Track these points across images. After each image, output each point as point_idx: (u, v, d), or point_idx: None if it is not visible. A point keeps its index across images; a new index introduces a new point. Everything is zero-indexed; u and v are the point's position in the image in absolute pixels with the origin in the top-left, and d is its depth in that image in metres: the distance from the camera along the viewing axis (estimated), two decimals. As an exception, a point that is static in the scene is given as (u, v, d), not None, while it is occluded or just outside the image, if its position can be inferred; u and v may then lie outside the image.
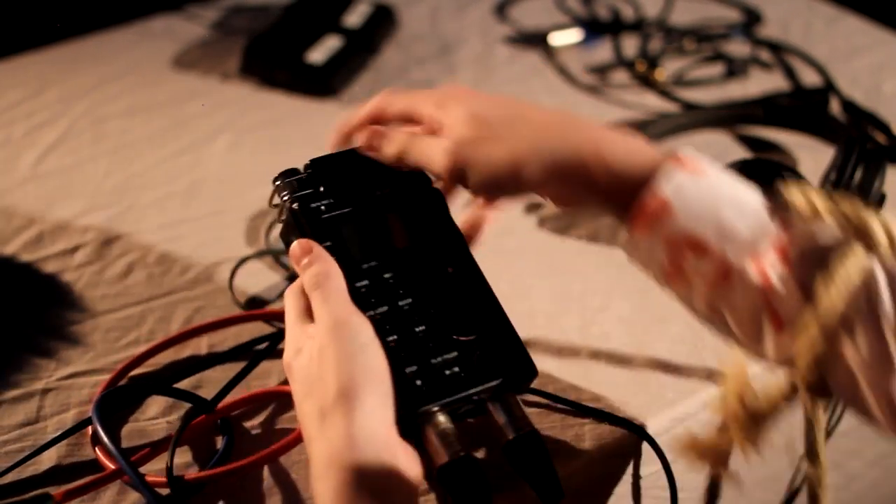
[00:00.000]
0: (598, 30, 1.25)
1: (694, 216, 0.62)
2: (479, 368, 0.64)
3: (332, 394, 0.58)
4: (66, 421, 0.74)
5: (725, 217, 0.62)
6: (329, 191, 0.68)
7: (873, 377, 0.58)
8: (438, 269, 0.67)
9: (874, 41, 1.25)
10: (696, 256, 0.62)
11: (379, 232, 0.67)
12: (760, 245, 0.61)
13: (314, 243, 0.65)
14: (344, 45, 1.17)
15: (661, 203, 0.62)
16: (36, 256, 0.90)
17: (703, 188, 0.63)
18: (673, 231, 0.62)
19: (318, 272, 0.63)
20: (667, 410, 0.76)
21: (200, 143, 1.06)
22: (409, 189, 0.69)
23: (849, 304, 0.58)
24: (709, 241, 0.62)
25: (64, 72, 1.17)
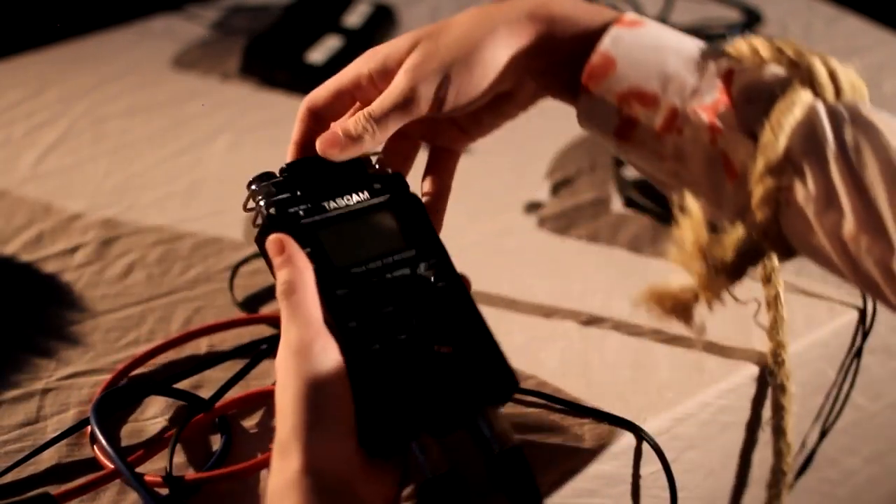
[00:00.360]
0: (598, 30, 1.25)
1: (637, 66, 0.62)
2: (461, 382, 0.62)
3: (287, 429, 0.57)
4: (66, 421, 0.74)
5: (669, 63, 0.62)
6: (306, 195, 0.66)
7: (823, 218, 0.57)
8: (418, 277, 0.65)
9: (874, 41, 1.25)
10: (645, 107, 0.62)
11: (358, 238, 0.65)
12: (706, 89, 0.61)
13: (288, 241, 0.63)
14: (344, 45, 1.17)
15: (603, 58, 0.63)
16: (36, 256, 0.90)
17: (644, 38, 0.63)
18: (619, 85, 0.63)
19: (287, 279, 0.61)
20: (667, 410, 0.76)
21: (200, 143, 1.06)
22: (387, 193, 0.67)
23: (793, 142, 0.58)
24: (655, 90, 0.62)
25: (64, 72, 1.17)
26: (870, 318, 0.85)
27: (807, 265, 0.88)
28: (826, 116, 0.59)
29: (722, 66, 0.61)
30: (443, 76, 0.65)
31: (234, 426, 0.73)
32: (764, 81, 0.61)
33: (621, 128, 0.64)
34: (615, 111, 0.63)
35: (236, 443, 0.72)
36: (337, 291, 0.62)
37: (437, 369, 0.62)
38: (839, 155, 0.57)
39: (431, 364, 0.62)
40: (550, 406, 0.75)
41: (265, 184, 0.66)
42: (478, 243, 0.91)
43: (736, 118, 0.60)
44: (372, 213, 0.66)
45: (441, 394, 0.61)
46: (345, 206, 0.66)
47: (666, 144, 0.62)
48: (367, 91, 0.68)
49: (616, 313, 0.84)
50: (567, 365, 0.79)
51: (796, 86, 0.59)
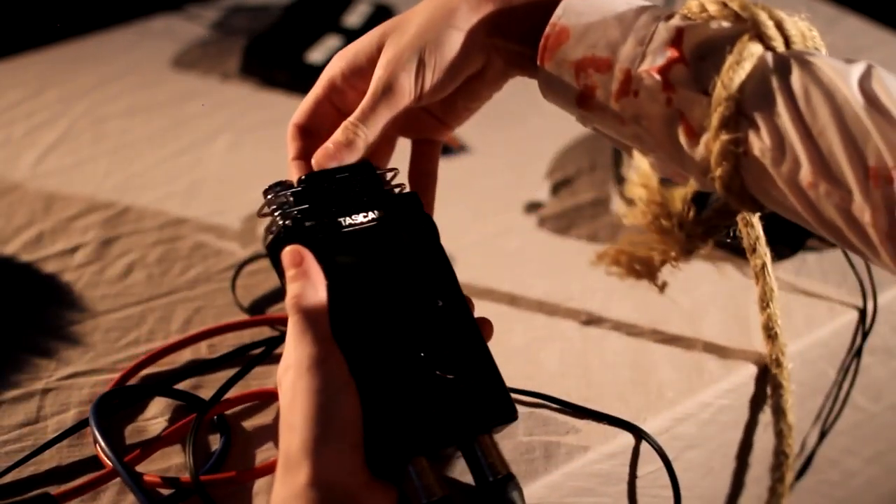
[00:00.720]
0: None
1: (588, 34, 0.63)
2: (461, 410, 0.63)
3: (296, 444, 0.58)
4: (66, 421, 0.74)
5: (619, 27, 0.62)
6: (323, 209, 0.66)
7: (780, 168, 0.58)
8: (427, 301, 0.65)
9: (874, 41, 1.25)
10: (600, 73, 0.63)
11: (371, 258, 0.65)
12: (658, 50, 0.61)
13: (307, 255, 0.63)
14: (344, 45, 1.16)
15: (556, 28, 0.64)
16: (36, 256, 0.90)
17: (595, 3, 0.64)
18: (574, 54, 0.63)
19: (300, 293, 0.61)
20: (667, 410, 0.76)
21: (200, 143, 1.06)
22: (401, 213, 0.67)
23: (744, 94, 0.58)
24: (607, 55, 0.62)
25: (64, 72, 1.17)
26: (870, 318, 0.85)
27: (806, 265, 0.89)
28: (774, 66, 0.59)
29: (672, 25, 0.62)
30: (417, 62, 0.66)
31: (232, 425, 0.73)
32: (713, 37, 0.61)
33: (581, 96, 0.64)
34: (573, 80, 0.64)
35: (235, 442, 0.72)
36: (347, 310, 0.63)
37: (439, 394, 0.63)
38: (788, 103, 0.57)
39: (434, 389, 0.63)
40: (550, 406, 0.75)
41: (283, 193, 0.66)
42: (478, 243, 0.91)
43: (689, 76, 0.60)
44: (385, 232, 0.66)
45: (441, 418, 0.62)
46: (359, 223, 0.66)
47: (625, 108, 0.63)
48: (343, 93, 0.69)
49: (616, 313, 0.84)
50: (567, 365, 0.79)
51: (745, 39, 0.60)
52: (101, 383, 0.77)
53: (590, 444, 0.72)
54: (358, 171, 0.68)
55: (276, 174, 0.67)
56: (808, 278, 0.87)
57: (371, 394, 0.60)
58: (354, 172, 0.68)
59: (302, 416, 0.58)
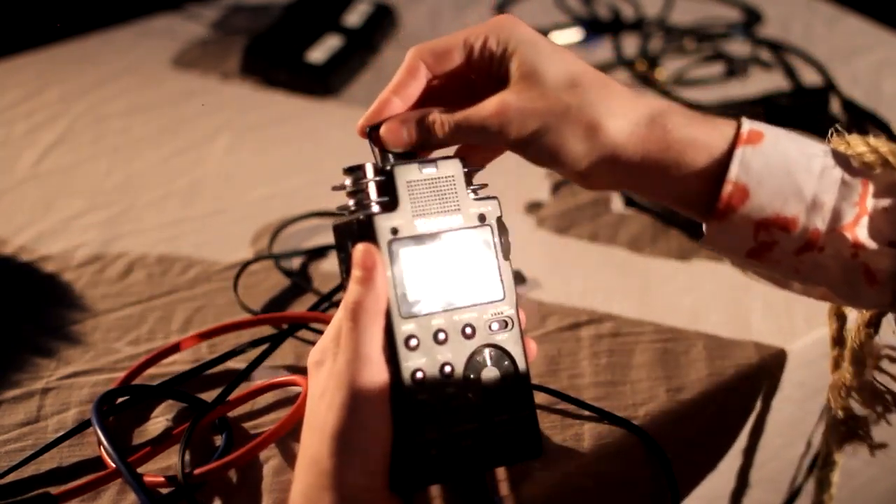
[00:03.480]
0: (598, 29, 1.25)
1: (773, 193, 0.62)
2: (490, 441, 0.61)
3: (326, 449, 0.58)
4: (67, 420, 0.74)
5: (804, 185, 0.61)
6: (402, 206, 0.61)
7: None
8: (484, 323, 0.62)
9: (874, 41, 1.25)
10: (785, 231, 0.62)
11: (439, 270, 0.62)
12: (846, 207, 0.61)
13: (378, 261, 0.60)
14: (344, 45, 1.17)
15: (735, 187, 0.61)
16: (36, 256, 0.90)
17: (772, 157, 0.62)
18: (757, 213, 0.62)
19: (360, 300, 0.59)
20: (665, 410, 0.76)
21: (200, 143, 1.06)
22: (480, 223, 0.63)
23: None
24: (795, 214, 0.61)
25: (64, 72, 1.17)
26: (870, 318, 0.85)
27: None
28: None
29: (855, 175, 0.62)
30: (540, 126, 0.62)
31: (233, 425, 0.73)
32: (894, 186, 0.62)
33: (756, 250, 0.63)
34: (751, 236, 0.63)
35: (237, 442, 0.72)
36: (404, 327, 0.60)
37: (476, 429, 0.61)
38: None
39: (472, 422, 0.61)
40: (551, 406, 0.75)
41: (366, 180, 0.61)
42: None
43: (877, 230, 0.61)
44: (461, 243, 0.63)
45: (473, 450, 0.61)
46: (437, 229, 0.62)
47: (804, 261, 0.63)
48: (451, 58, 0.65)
49: (616, 313, 0.84)
50: (566, 364, 0.79)
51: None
52: (101, 383, 0.77)
53: (591, 444, 0.72)
54: (446, 167, 0.63)
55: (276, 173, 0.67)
56: (809, 278, 0.87)
57: (407, 413, 0.59)
58: (442, 168, 0.63)
59: (334, 429, 0.58)
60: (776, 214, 0.62)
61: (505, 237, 0.64)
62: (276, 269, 0.88)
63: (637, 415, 0.75)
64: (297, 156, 1.05)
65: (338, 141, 1.06)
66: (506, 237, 0.64)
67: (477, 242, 0.63)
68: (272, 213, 0.94)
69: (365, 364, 0.58)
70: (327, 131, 1.08)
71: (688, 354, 0.80)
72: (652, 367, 0.79)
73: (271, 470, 0.70)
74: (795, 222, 0.62)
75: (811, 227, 0.61)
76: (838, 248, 0.62)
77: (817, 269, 0.63)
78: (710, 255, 0.90)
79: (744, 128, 0.62)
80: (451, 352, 0.61)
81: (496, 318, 0.63)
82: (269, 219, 0.93)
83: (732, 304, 0.85)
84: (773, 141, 0.62)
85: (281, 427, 0.70)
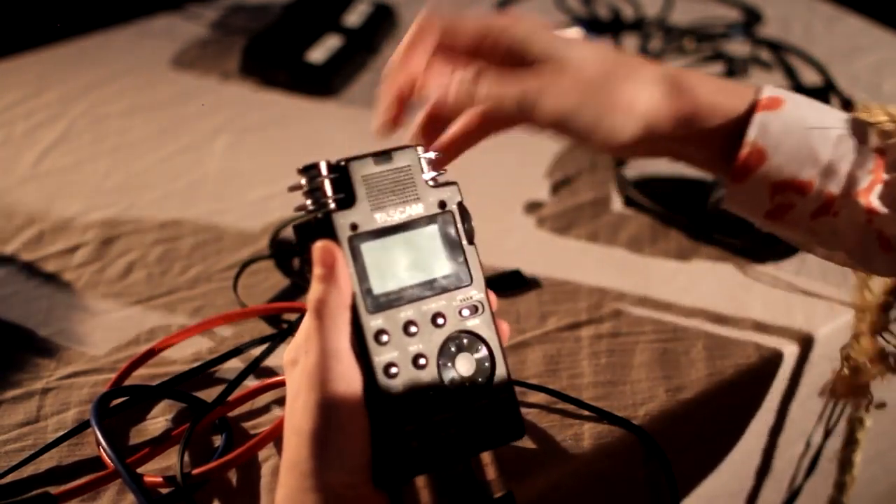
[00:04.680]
0: (598, 29, 1.25)
1: (790, 156, 0.63)
2: (471, 426, 0.61)
3: (305, 451, 0.58)
4: (67, 420, 0.74)
5: (821, 150, 0.63)
6: (360, 201, 0.61)
7: None
8: (453, 310, 0.62)
9: (874, 41, 1.25)
10: (800, 194, 0.63)
11: (402, 260, 0.61)
12: (862, 173, 0.62)
13: (338, 257, 0.59)
14: (344, 45, 1.17)
15: (753, 148, 0.63)
16: (36, 256, 0.90)
17: (790, 122, 0.63)
18: (773, 175, 0.64)
19: (323, 297, 0.59)
20: (666, 409, 0.76)
21: (200, 143, 1.06)
22: (439, 209, 0.63)
23: None
24: (811, 178, 0.63)
25: (64, 72, 1.17)
26: (870, 318, 0.85)
27: (806, 265, 0.89)
28: None
29: (872, 143, 0.63)
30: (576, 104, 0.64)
31: (233, 425, 0.73)
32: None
33: (773, 212, 0.65)
34: (768, 198, 0.64)
35: (236, 442, 0.72)
36: (372, 322, 0.60)
37: (451, 410, 0.61)
38: None
39: (451, 410, 0.61)
40: (550, 406, 0.75)
41: (321, 178, 0.61)
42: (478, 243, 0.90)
43: (891, 198, 0.62)
44: (419, 229, 0.62)
45: (452, 436, 0.61)
46: (397, 221, 0.61)
47: (821, 226, 0.64)
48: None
49: (616, 313, 0.84)
50: (566, 364, 0.79)
51: None
52: (101, 383, 0.77)
53: (591, 444, 0.72)
54: (401, 158, 0.62)
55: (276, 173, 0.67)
56: (808, 278, 0.87)
57: (384, 408, 0.59)
58: (397, 159, 0.62)
59: (310, 431, 0.57)
60: (792, 177, 0.63)
61: (468, 222, 0.64)
62: (275, 269, 0.88)
63: (637, 415, 0.75)
64: (297, 156, 1.04)
65: (338, 141, 1.06)
66: (469, 222, 0.64)
67: (439, 229, 0.63)
68: (272, 213, 0.94)
69: (334, 361, 0.58)
70: (327, 131, 1.08)
71: (688, 354, 0.80)
72: (652, 367, 0.79)
73: (270, 470, 0.70)
74: (811, 186, 0.63)
75: (825, 192, 0.63)
76: (852, 213, 0.63)
77: (834, 234, 0.64)
78: (711, 255, 0.90)
79: (764, 94, 0.64)
80: (422, 342, 0.61)
81: (465, 304, 0.63)
82: (269, 219, 0.93)
83: (732, 304, 0.85)
84: (793, 107, 0.64)
85: (279, 426, 0.70)
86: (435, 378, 0.61)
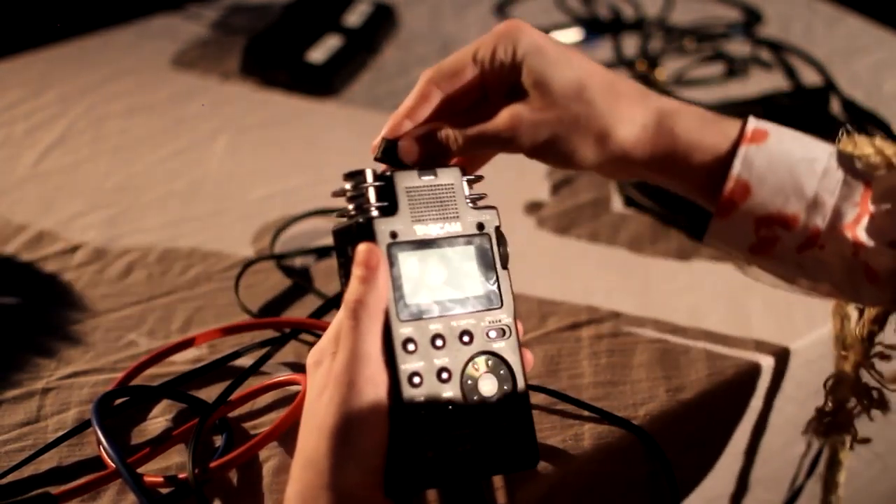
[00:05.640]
0: (598, 29, 1.25)
1: (774, 190, 0.63)
2: (487, 448, 0.61)
3: (323, 447, 0.58)
4: (67, 420, 0.74)
5: (806, 183, 0.63)
6: (402, 211, 0.62)
7: None
8: (481, 329, 0.62)
9: (874, 41, 1.25)
10: (786, 228, 0.63)
11: (438, 275, 0.62)
12: (847, 206, 0.62)
13: (381, 260, 0.60)
14: (344, 45, 1.17)
15: (737, 184, 0.63)
16: (36, 256, 0.90)
17: (774, 155, 0.63)
18: (758, 209, 0.63)
19: (362, 298, 0.59)
20: (666, 410, 0.76)
21: (200, 143, 1.06)
22: (479, 230, 0.64)
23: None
24: (796, 212, 0.63)
25: (64, 72, 1.17)
26: (870, 318, 0.85)
27: (807, 265, 0.88)
28: None
29: (858, 176, 0.63)
30: (551, 136, 0.65)
31: (234, 426, 0.73)
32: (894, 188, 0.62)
33: (758, 246, 0.65)
34: (752, 231, 0.64)
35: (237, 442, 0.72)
36: (402, 329, 0.60)
37: (469, 429, 0.61)
38: None
39: (469, 426, 0.61)
40: (550, 406, 0.75)
41: (366, 185, 0.62)
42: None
43: (878, 230, 0.62)
44: (456, 247, 0.63)
45: (466, 455, 0.61)
46: (435, 235, 0.62)
47: (806, 258, 0.64)
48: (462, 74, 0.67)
49: (616, 313, 0.84)
50: (566, 364, 0.79)
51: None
52: (101, 383, 0.77)
53: (591, 444, 0.72)
54: (445, 175, 0.64)
55: (276, 173, 0.67)
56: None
57: (404, 415, 0.59)
58: (441, 176, 0.64)
59: (330, 426, 0.58)
60: (777, 211, 0.63)
61: (503, 247, 0.65)
62: (276, 269, 0.88)
63: (637, 415, 0.75)
64: (297, 156, 1.05)
65: (338, 141, 1.06)
66: (504, 247, 0.65)
67: (475, 250, 0.64)
68: (272, 213, 0.94)
69: (365, 362, 0.58)
70: (327, 131, 1.08)
71: (688, 354, 0.80)
72: (652, 367, 0.79)
73: (271, 470, 0.70)
74: (796, 220, 0.63)
75: (811, 226, 0.62)
76: (839, 246, 0.62)
77: (820, 266, 0.63)
78: (711, 254, 0.90)
79: (749, 126, 0.64)
80: (448, 357, 0.61)
81: (494, 326, 0.63)
82: (269, 219, 0.93)
83: (732, 303, 0.85)
84: (777, 140, 0.64)
85: (283, 422, 0.70)
86: (457, 393, 0.61)
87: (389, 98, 1.12)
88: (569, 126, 0.64)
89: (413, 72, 1.18)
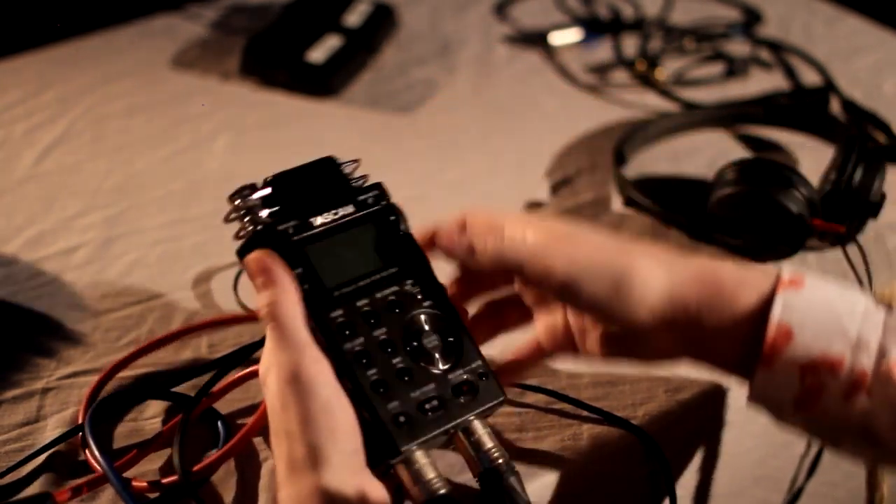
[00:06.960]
0: (598, 29, 1.25)
1: (818, 333, 0.61)
2: (457, 400, 0.63)
3: (300, 452, 0.58)
4: (67, 420, 0.74)
5: (849, 325, 0.61)
6: (292, 210, 0.65)
7: None
8: (406, 294, 0.65)
9: (874, 41, 1.25)
10: (832, 373, 0.60)
11: (345, 255, 0.65)
12: (892, 346, 0.60)
13: (271, 260, 0.62)
14: (344, 45, 1.17)
15: (779, 329, 0.61)
16: (36, 256, 0.90)
17: (814, 300, 0.61)
18: (803, 355, 0.61)
19: (271, 300, 0.61)
20: (665, 410, 0.76)
21: (200, 143, 1.06)
22: (370, 206, 0.67)
23: None
24: (841, 354, 0.60)
25: (64, 72, 1.17)
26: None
27: (806, 265, 0.88)
28: None
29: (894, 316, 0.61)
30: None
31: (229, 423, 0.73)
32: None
33: (803, 399, 0.61)
34: (797, 381, 0.61)
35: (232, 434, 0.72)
36: (330, 314, 0.62)
37: (434, 388, 0.63)
38: None
39: (429, 383, 0.63)
40: (549, 406, 0.75)
41: (251, 199, 0.65)
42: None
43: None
44: (357, 227, 0.66)
45: (439, 409, 0.62)
46: (331, 221, 0.65)
47: (853, 407, 0.61)
48: None
49: (616, 313, 0.84)
50: (566, 364, 0.79)
51: None
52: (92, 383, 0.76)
53: (590, 444, 0.72)
54: (321, 166, 0.68)
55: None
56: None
57: (362, 393, 0.60)
58: (318, 168, 0.67)
59: (298, 423, 0.58)
60: (822, 354, 0.60)
61: (397, 215, 0.67)
62: (275, 269, 0.88)
63: (636, 415, 0.75)
64: (297, 156, 1.04)
65: (338, 141, 1.06)
66: (397, 214, 0.67)
67: (373, 225, 0.66)
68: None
69: (302, 351, 0.60)
70: (327, 131, 1.08)
71: (687, 354, 0.80)
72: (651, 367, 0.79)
73: (269, 469, 0.70)
74: (842, 363, 0.60)
75: (857, 368, 0.60)
76: (887, 388, 0.60)
77: (868, 417, 0.61)
78: (711, 255, 0.89)
79: (784, 274, 0.63)
80: (385, 327, 0.63)
81: (416, 287, 0.65)
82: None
83: (732, 304, 0.85)
84: (814, 284, 0.62)
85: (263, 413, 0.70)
86: (405, 359, 0.63)
87: (389, 98, 1.12)
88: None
89: (413, 72, 1.18)
